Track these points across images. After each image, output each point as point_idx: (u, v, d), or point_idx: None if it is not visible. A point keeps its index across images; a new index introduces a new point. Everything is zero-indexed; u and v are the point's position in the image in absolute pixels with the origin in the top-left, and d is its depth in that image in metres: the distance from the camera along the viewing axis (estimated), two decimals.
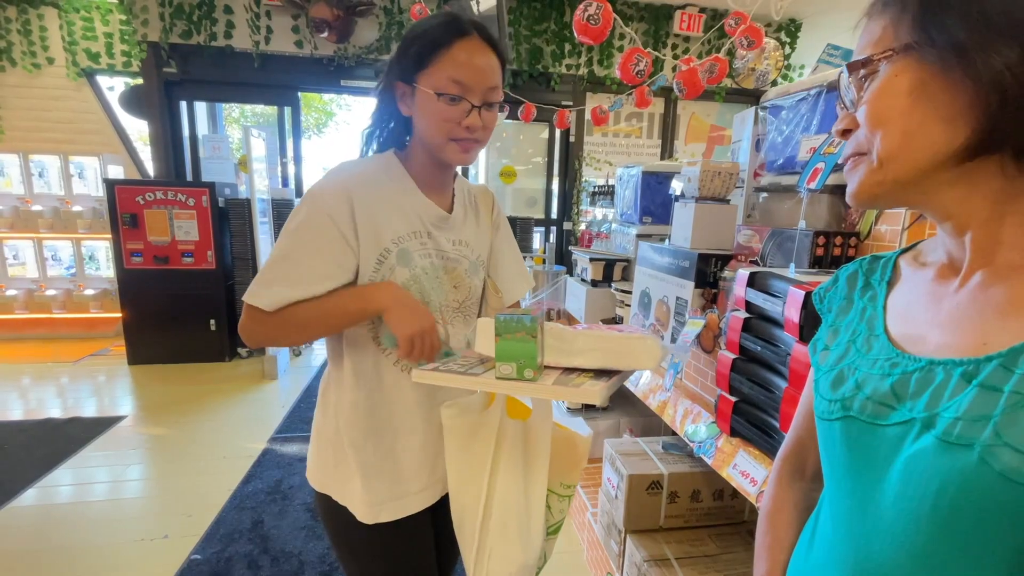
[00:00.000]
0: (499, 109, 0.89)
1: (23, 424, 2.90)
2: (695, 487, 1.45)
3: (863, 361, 0.47)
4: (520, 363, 0.68)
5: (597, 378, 0.69)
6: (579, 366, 0.72)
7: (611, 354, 0.70)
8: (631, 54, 1.66)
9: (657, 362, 0.69)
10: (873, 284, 0.52)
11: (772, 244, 1.31)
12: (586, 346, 0.71)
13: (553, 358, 0.72)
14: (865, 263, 0.55)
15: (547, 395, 0.68)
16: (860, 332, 0.50)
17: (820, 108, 1.25)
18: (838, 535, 0.46)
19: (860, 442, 0.44)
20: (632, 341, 0.70)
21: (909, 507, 0.39)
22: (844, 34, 2.77)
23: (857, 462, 0.45)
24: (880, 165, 0.42)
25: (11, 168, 4.35)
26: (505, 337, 0.68)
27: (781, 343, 0.97)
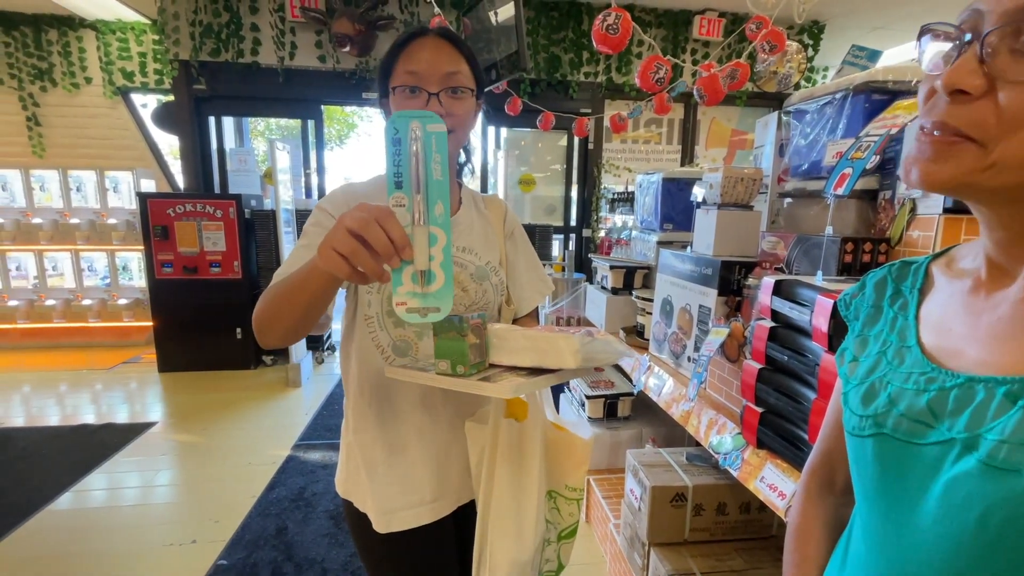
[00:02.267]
0: (474, 101, 0.88)
1: (59, 430, 3.00)
2: (721, 500, 1.42)
3: (895, 374, 0.45)
4: (453, 359, 0.72)
5: (527, 376, 0.71)
6: (517, 364, 0.74)
7: (540, 352, 0.72)
8: (650, 62, 1.65)
9: (578, 361, 0.69)
10: (904, 292, 0.50)
11: (798, 251, 1.28)
12: (520, 345, 0.74)
13: (496, 356, 0.76)
14: (894, 269, 0.52)
15: (470, 389, 0.70)
16: (891, 343, 0.47)
17: (847, 111, 1.22)
18: (872, 556, 0.45)
19: (895, 461, 0.42)
20: (557, 339, 0.71)
21: (950, 531, 0.37)
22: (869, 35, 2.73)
23: (892, 482, 0.42)
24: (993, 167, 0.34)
25: (51, 184, 4.55)
26: (441, 336, 0.72)
27: (809, 353, 0.95)
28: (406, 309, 0.61)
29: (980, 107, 0.34)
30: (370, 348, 0.89)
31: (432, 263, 0.60)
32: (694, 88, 1.75)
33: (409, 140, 0.58)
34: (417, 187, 0.59)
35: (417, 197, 0.59)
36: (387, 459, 0.90)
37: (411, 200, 0.59)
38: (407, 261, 0.58)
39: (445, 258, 0.60)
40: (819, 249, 1.17)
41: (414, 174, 0.58)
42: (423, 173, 0.59)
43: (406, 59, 0.83)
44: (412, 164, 0.58)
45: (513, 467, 0.84)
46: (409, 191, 0.59)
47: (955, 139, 0.35)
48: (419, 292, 0.60)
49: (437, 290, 0.60)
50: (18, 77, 4.35)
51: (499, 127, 4.68)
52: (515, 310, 1.03)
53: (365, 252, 0.55)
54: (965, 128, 0.35)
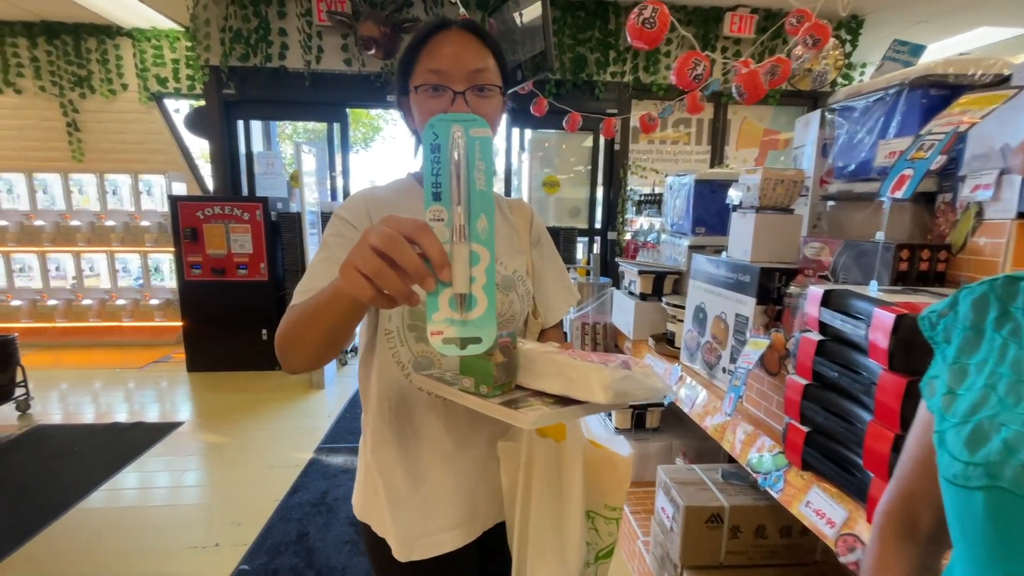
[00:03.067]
0: (501, 99, 0.82)
1: (93, 428, 3.08)
2: (760, 522, 1.33)
3: (1012, 416, 0.38)
4: (477, 378, 0.67)
5: (553, 406, 0.65)
6: (544, 390, 0.69)
7: (568, 381, 0.67)
8: (688, 58, 1.58)
9: (608, 397, 0.62)
10: (1014, 314, 0.42)
11: (845, 257, 1.19)
12: (548, 371, 0.69)
13: (524, 379, 0.71)
14: (997, 286, 0.44)
15: (490, 412, 0.65)
16: (1002, 376, 0.40)
17: (901, 108, 1.14)
18: None
19: (1016, 521, 0.35)
20: (588, 370, 0.65)
21: None
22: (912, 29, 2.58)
23: (1010, 543, 0.36)
24: None
25: (89, 187, 4.70)
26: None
27: (863, 370, 0.87)
28: (442, 339, 0.53)
29: None
30: (390, 364, 0.84)
31: (473, 285, 0.52)
32: (732, 85, 1.67)
33: (450, 147, 0.51)
34: (458, 199, 0.51)
35: (458, 210, 0.51)
36: (408, 482, 0.85)
37: (451, 214, 0.51)
38: (445, 283, 0.51)
39: (488, 280, 0.52)
40: (870, 256, 1.09)
41: (455, 185, 0.51)
42: (465, 183, 0.52)
43: (428, 55, 0.78)
44: (452, 173, 0.51)
45: (552, 489, 0.79)
46: (449, 204, 0.52)
47: None
48: (458, 319, 0.52)
49: (478, 317, 0.52)
50: (59, 84, 4.50)
51: (523, 129, 4.63)
52: (542, 322, 0.98)
53: (392, 273, 0.47)
54: None
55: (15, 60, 4.43)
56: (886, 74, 1.22)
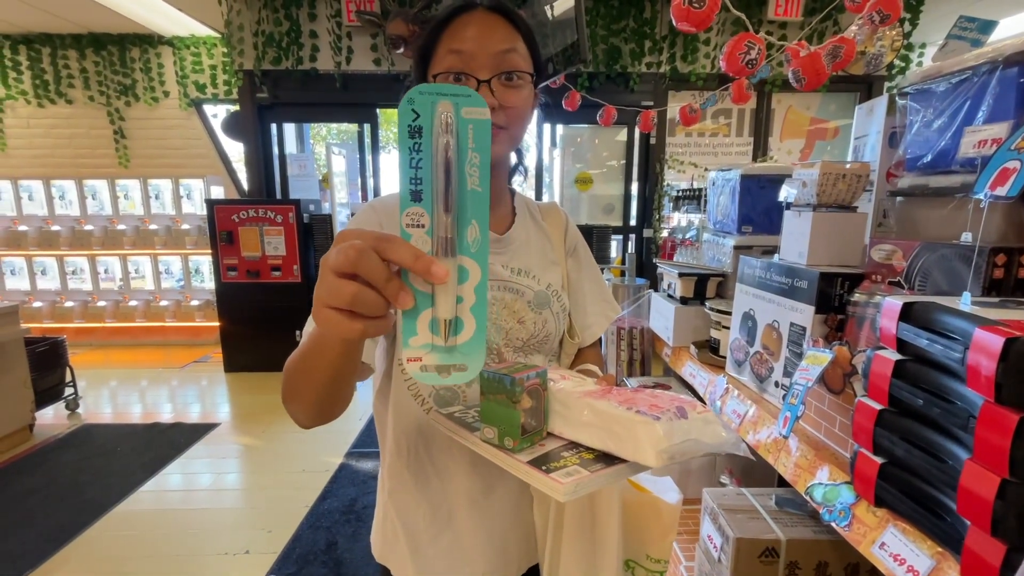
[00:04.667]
0: (532, 92, 0.71)
1: (135, 428, 3.17)
2: (821, 558, 1.20)
3: None
4: (501, 429, 0.56)
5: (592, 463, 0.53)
6: (582, 442, 0.57)
7: (611, 435, 0.54)
8: (740, 40, 1.44)
9: (660, 458, 0.51)
10: None
11: (923, 261, 1.05)
12: (588, 420, 0.57)
13: (559, 427, 0.59)
14: None
15: (515, 472, 0.54)
16: None
17: (992, 89, 0.98)
18: None
19: None
20: (635, 425, 0.52)
21: None
22: (976, 4, 2.32)
23: None
24: None
25: (134, 192, 4.87)
26: (488, 397, 0.57)
27: (958, 399, 0.74)
28: (420, 366, 0.43)
29: None
30: (407, 397, 0.76)
31: (460, 306, 0.43)
32: (789, 71, 1.52)
33: (435, 130, 0.40)
34: (444, 202, 0.41)
35: (445, 216, 0.41)
36: (431, 528, 0.77)
37: (433, 219, 0.41)
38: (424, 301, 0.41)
39: (478, 300, 0.43)
40: (954, 261, 0.94)
41: (440, 181, 0.40)
42: (455, 180, 0.41)
43: (449, 38, 0.68)
44: (438, 166, 0.40)
45: (585, 534, 0.70)
46: (431, 206, 0.41)
47: None
48: (441, 346, 0.43)
49: (465, 343, 0.43)
50: (106, 93, 4.68)
51: (555, 124, 4.52)
52: (578, 342, 0.88)
53: (371, 292, 0.38)
54: None
55: (66, 71, 4.63)
56: (951, 54, 1.06)
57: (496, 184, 0.80)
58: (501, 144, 0.71)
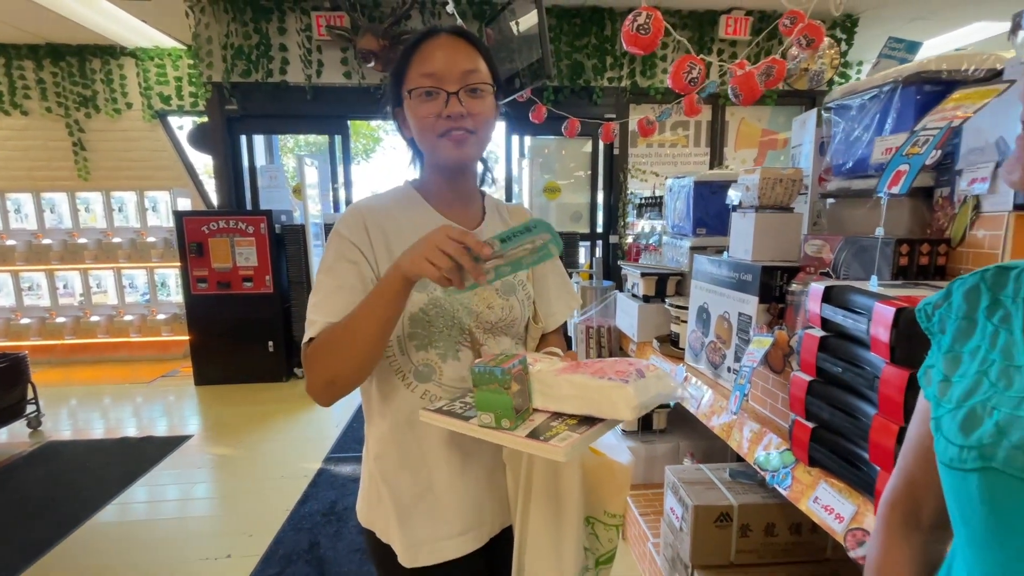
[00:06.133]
0: (493, 100, 0.83)
1: (103, 443, 3.10)
2: (769, 520, 1.33)
3: (1003, 399, 0.39)
4: (497, 413, 0.69)
5: (577, 427, 0.67)
6: (563, 411, 0.70)
7: (591, 402, 0.68)
8: (683, 62, 1.60)
9: (634, 412, 0.66)
10: (1004, 302, 0.43)
11: (846, 254, 1.20)
12: (569, 392, 0.70)
13: (541, 403, 0.72)
14: (988, 275, 0.46)
15: (519, 447, 0.66)
16: (994, 362, 0.41)
17: (896, 105, 1.15)
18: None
19: (1010, 502, 0.36)
20: (609, 390, 0.66)
21: None
22: (906, 26, 2.60)
23: (1006, 524, 0.37)
24: None
25: (95, 205, 4.76)
26: (482, 388, 0.69)
27: (866, 364, 0.88)
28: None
29: None
30: (390, 374, 0.85)
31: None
32: (728, 87, 1.69)
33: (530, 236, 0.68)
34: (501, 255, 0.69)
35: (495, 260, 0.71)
36: (413, 490, 0.85)
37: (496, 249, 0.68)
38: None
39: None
40: (870, 252, 1.10)
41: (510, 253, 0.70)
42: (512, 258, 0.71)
43: (420, 61, 0.79)
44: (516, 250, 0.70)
45: (550, 494, 0.80)
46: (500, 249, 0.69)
47: None
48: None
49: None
50: (64, 105, 4.57)
51: (523, 136, 4.67)
52: (543, 327, 0.98)
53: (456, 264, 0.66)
54: None
55: (21, 82, 4.51)
56: (882, 71, 1.23)
57: (466, 185, 0.91)
58: (471, 147, 0.83)
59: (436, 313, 0.83)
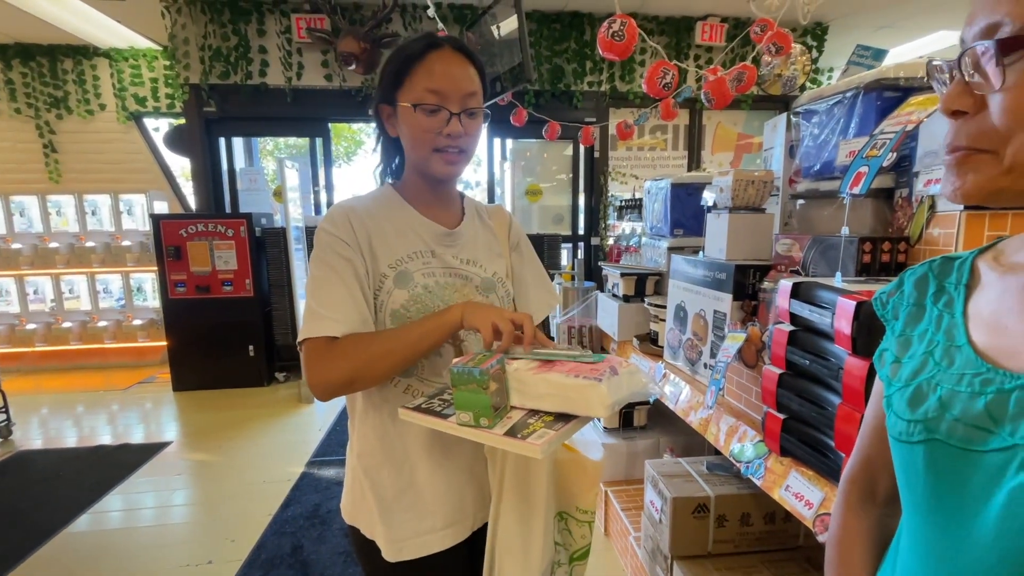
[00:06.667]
0: (483, 119, 0.88)
1: (77, 451, 3.03)
2: (744, 510, 1.38)
3: (946, 376, 0.42)
4: (476, 412, 0.71)
5: (553, 424, 0.69)
6: (540, 408, 0.72)
7: (566, 400, 0.70)
8: (657, 67, 1.65)
9: (608, 410, 0.68)
10: (948, 288, 0.47)
11: (814, 252, 1.26)
12: (544, 390, 0.72)
13: (518, 401, 0.74)
14: (936, 265, 0.49)
15: (497, 444, 0.68)
16: (938, 342, 0.45)
17: (858, 110, 1.21)
18: (926, 573, 0.42)
19: (949, 470, 0.39)
20: (584, 388, 0.68)
21: (1017, 546, 0.35)
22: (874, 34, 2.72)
23: (946, 492, 0.40)
24: (1010, 171, 0.35)
25: (67, 208, 4.64)
26: (460, 388, 0.71)
27: (831, 356, 0.92)
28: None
29: (980, 120, 0.36)
30: None
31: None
32: (701, 92, 1.75)
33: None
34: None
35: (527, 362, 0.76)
36: (396, 485, 0.87)
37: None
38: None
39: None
40: (836, 250, 1.15)
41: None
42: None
43: (426, 75, 0.81)
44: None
45: (520, 488, 0.82)
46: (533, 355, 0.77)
47: (969, 153, 0.38)
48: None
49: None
50: (35, 106, 4.46)
51: (504, 138, 4.70)
52: None
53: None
54: (973, 143, 0.37)
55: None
56: (852, 77, 1.29)
57: (448, 189, 0.95)
58: (462, 165, 0.87)
59: (417, 310, 0.85)
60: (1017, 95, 0.34)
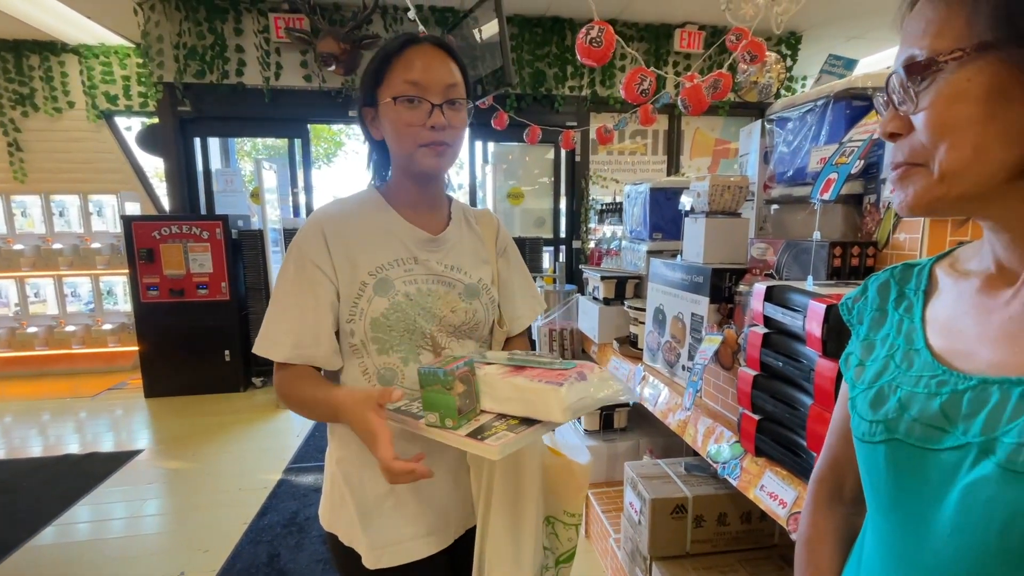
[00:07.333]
0: (467, 112, 0.87)
1: (42, 461, 2.92)
2: (721, 510, 1.40)
3: (905, 378, 0.44)
4: (441, 413, 0.71)
5: (517, 427, 0.70)
6: (506, 412, 0.73)
7: (528, 403, 0.70)
8: (635, 74, 1.67)
9: (566, 416, 0.68)
10: (908, 294, 0.49)
11: (787, 256, 1.28)
12: (509, 394, 0.72)
13: (488, 404, 0.74)
14: (897, 272, 0.51)
15: (459, 445, 0.69)
16: (898, 346, 0.47)
17: (828, 118, 1.24)
18: (888, 568, 0.43)
19: (909, 467, 0.41)
20: (546, 392, 0.68)
21: (971, 541, 0.36)
22: (845, 44, 2.80)
23: (906, 489, 0.42)
24: (942, 179, 0.38)
25: (33, 209, 4.49)
26: (427, 389, 0.71)
27: (804, 358, 0.94)
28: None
29: (912, 138, 0.40)
30: (357, 375, 0.86)
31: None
32: (678, 99, 1.78)
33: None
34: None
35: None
36: (376, 490, 0.86)
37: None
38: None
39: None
40: (808, 254, 1.18)
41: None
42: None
43: (404, 67, 0.80)
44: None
45: (510, 494, 0.82)
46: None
47: (908, 168, 0.41)
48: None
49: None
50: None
51: (486, 141, 4.70)
52: (507, 331, 1.00)
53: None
54: (909, 158, 0.41)
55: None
56: (823, 86, 1.33)
57: (435, 191, 0.93)
58: (449, 159, 0.86)
59: (397, 318, 0.84)
60: (931, 113, 0.38)
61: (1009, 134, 0.35)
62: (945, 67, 0.37)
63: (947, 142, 0.37)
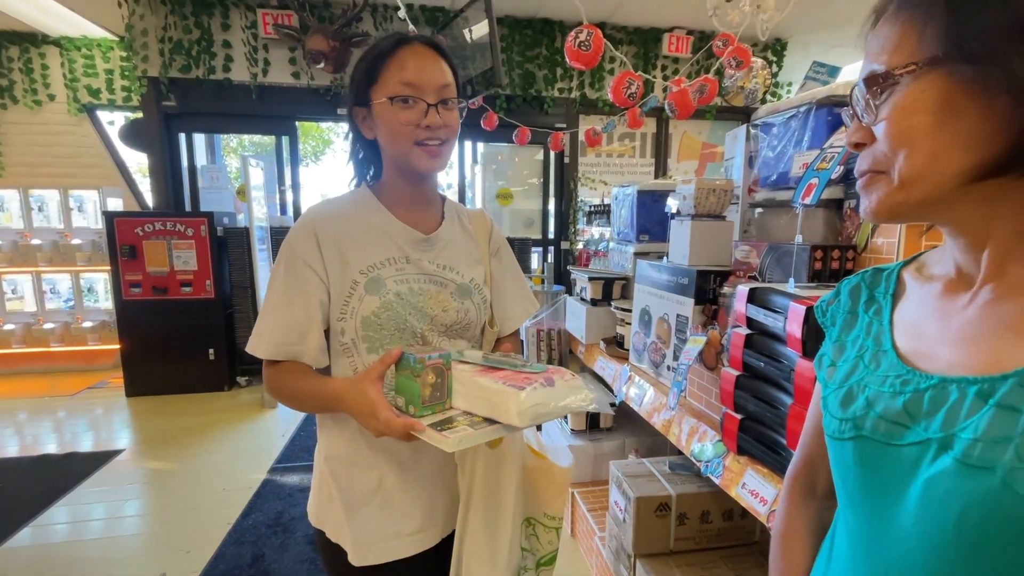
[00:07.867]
0: (459, 112, 0.88)
1: (20, 461, 2.86)
2: (704, 508, 1.42)
3: (872, 378, 0.46)
4: (407, 398, 0.72)
5: (479, 425, 0.70)
6: (472, 411, 0.74)
7: (491, 404, 0.71)
8: (623, 77, 1.69)
9: (524, 421, 0.68)
10: (877, 298, 0.51)
11: (770, 259, 1.31)
12: (474, 394, 0.73)
13: (458, 401, 0.75)
14: (868, 276, 0.54)
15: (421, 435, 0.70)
16: (867, 348, 0.49)
17: (811, 124, 1.27)
18: (857, 559, 0.45)
19: (875, 463, 0.43)
20: (507, 396, 0.69)
21: (931, 532, 0.38)
22: (829, 52, 2.85)
23: (872, 483, 0.43)
24: (902, 185, 0.40)
25: (11, 203, 4.38)
26: (400, 373, 0.73)
27: (784, 359, 0.96)
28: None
29: (874, 148, 0.42)
30: (347, 374, 0.86)
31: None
32: (665, 103, 1.80)
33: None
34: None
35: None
36: (365, 487, 0.86)
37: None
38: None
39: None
40: (790, 257, 1.20)
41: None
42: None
43: (398, 68, 0.80)
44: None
45: (488, 494, 0.82)
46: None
47: (872, 176, 0.43)
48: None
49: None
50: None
51: (476, 142, 4.71)
52: (498, 331, 1.00)
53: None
54: (872, 166, 0.43)
55: None
56: (808, 91, 1.35)
57: (429, 190, 0.93)
58: (443, 158, 0.87)
59: (388, 318, 0.84)
60: (890, 123, 0.40)
61: (961, 142, 0.37)
62: (901, 80, 0.39)
63: (905, 150, 0.39)
